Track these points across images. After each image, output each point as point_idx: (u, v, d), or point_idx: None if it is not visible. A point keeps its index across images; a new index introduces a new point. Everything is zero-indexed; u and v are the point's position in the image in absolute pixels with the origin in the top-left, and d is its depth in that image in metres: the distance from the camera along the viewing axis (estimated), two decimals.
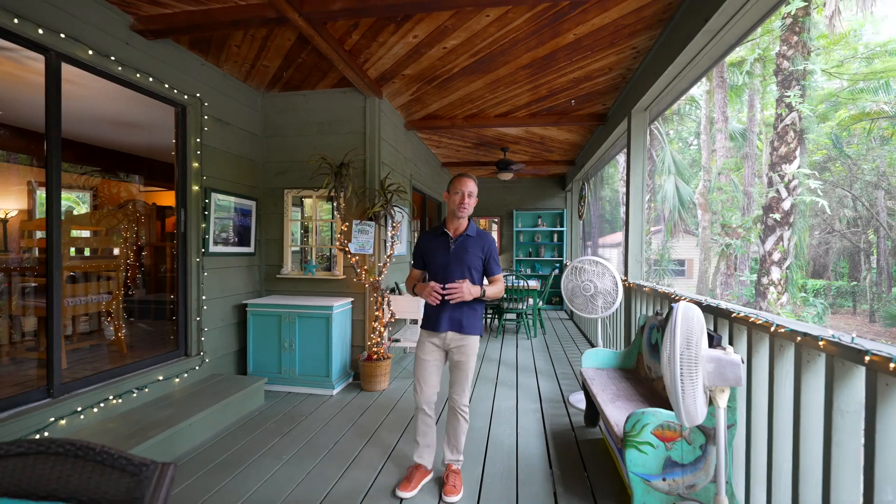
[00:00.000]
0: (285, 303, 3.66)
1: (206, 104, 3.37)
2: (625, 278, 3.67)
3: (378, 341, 3.77)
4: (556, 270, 8.42)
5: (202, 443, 2.69)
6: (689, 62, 2.70)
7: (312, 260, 4.29)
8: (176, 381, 3.08)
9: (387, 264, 3.99)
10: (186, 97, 3.17)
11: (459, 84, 3.89)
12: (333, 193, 3.69)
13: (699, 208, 13.21)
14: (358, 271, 3.78)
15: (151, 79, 2.86)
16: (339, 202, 3.74)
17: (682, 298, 2.35)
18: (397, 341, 4.25)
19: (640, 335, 2.72)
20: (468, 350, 2.15)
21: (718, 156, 13.04)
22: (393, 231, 4.03)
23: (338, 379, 3.66)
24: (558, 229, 8.61)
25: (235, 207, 3.72)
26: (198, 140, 3.29)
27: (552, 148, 6.35)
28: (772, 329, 1.54)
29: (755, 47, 12.55)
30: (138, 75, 2.76)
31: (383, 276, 3.95)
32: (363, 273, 3.78)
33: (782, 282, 8.58)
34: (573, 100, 4.30)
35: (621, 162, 8.98)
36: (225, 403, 2.93)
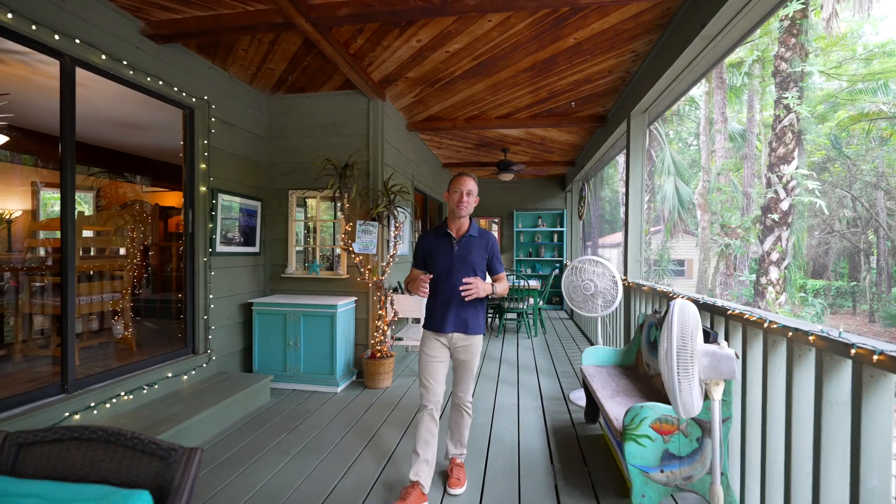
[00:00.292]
0: (290, 302, 3.72)
1: (214, 107, 3.43)
2: (624, 277, 3.72)
3: (381, 340, 3.84)
4: (557, 270, 8.48)
5: (210, 438, 2.76)
6: (687, 66, 2.76)
7: (316, 259, 4.35)
8: (184, 378, 3.14)
9: (390, 264, 4.05)
10: (194, 100, 3.23)
11: (461, 86, 3.95)
12: (338, 194, 3.75)
13: (699, 209, 13.27)
14: (361, 271, 3.84)
15: (161, 82, 2.92)
16: (344, 203, 3.80)
17: (679, 296, 2.41)
18: (400, 339, 4.31)
19: (640, 333, 2.78)
20: (473, 349, 2.17)
21: (718, 156, 13.11)
22: (396, 231, 4.09)
23: (342, 376, 3.72)
24: (558, 229, 8.67)
25: (241, 208, 3.78)
26: (205, 142, 3.35)
27: (552, 149, 6.42)
28: (765, 325, 1.60)
29: (754, 48, 12.61)
30: (149, 79, 2.83)
31: (386, 276, 4.01)
32: (367, 272, 3.85)
33: (780, 281, 8.65)
34: (573, 102, 4.36)
35: (621, 162, 9.02)
36: (232, 400, 2.99)
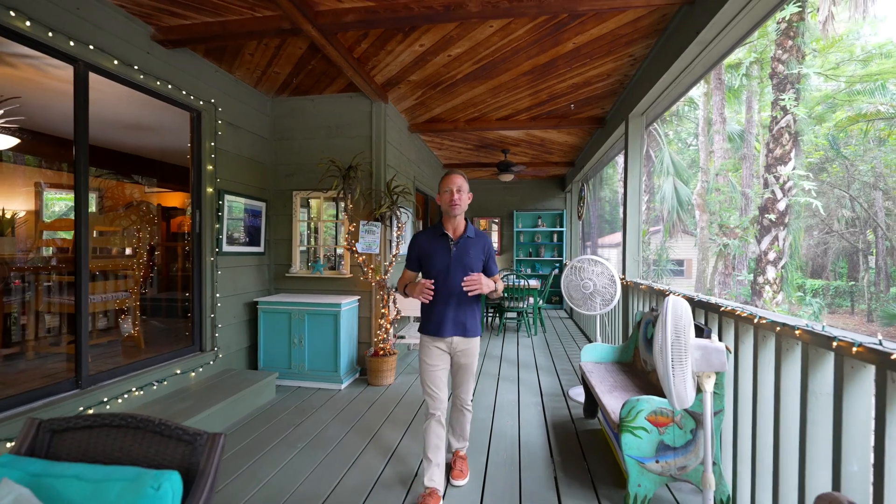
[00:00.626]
0: (295, 300, 3.79)
1: (220, 109, 3.50)
2: (623, 276, 3.79)
3: (384, 338, 3.91)
4: (556, 270, 8.55)
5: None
6: (684, 69, 2.83)
7: (319, 259, 4.42)
8: (192, 375, 3.21)
9: (392, 263, 4.12)
10: (202, 103, 3.30)
11: (463, 89, 4.02)
12: (342, 195, 3.82)
13: (697, 209, 13.35)
14: (365, 270, 3.91)
15: (170, 86, 2.99)
16: (348, 203, 3.87)
17: (674, 293, 2.48)
18: (402, 338, 4.38)
19: (637, 330, 2.85)
20: (473, 351, 2.17)
21: (716, 157, 13.19)
22: (398, 231, 4.16)
23: (346, 374, 3.79)
24: (558, 229, 8.74)
25: (246, 208, 3.85)
26: (212, 144, 3.42)
27: (552, 150, 6.49)
28: (755, 321, 1.67)
29: (752, 50, 12.68)
30: (158, 83, 2.90)
31: (389, 275, 4.09)
32: (370, 272, 3.92)
33: (777, 281, 8.72)
34: (572, 104, 4.43)
35: (620, 163, 9.07)
36: (239, 397, 3.07)
